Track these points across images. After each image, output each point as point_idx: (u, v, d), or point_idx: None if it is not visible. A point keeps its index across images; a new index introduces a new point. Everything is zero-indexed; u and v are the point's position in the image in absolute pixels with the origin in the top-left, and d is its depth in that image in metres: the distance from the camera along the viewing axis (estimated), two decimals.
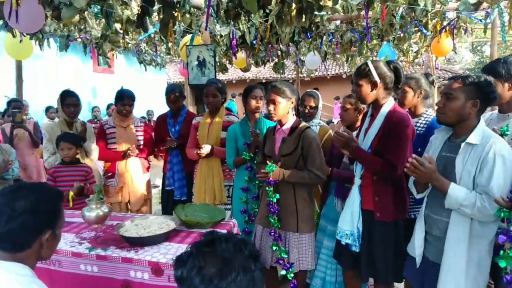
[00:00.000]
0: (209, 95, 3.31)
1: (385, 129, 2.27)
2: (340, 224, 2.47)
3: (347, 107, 2.96)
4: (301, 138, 2.54)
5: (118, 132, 3.66)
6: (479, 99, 1.88)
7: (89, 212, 2.40)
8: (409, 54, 7.79)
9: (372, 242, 2.34)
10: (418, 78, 2.78)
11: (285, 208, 2.60)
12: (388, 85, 2.30)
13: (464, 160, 1.89)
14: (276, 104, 2.56)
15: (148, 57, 8.61)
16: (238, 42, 5.06)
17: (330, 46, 6.95)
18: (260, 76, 16.64)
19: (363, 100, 2.38)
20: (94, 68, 11.21)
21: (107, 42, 5.43)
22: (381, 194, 2.31)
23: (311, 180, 2.53)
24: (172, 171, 3.74)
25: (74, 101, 3.52)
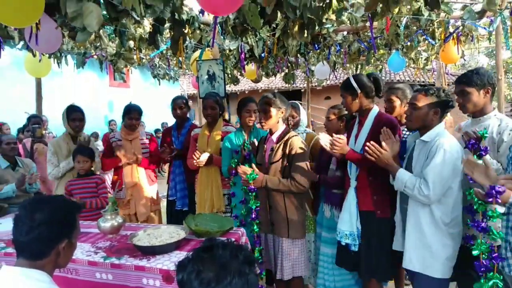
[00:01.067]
0: (208, 107, 3.41)
1: (375, 129, 2.48)
2: (339, 225, 2.60)
3: (331, 117, 3.11)
4: (287, 146, 2.64)
5: (124, 145, 3.75)
6: (439, 108, 2.20)
7: (104, 223, 2.51)
8: (419, 62, 7.78)
9: (372, 240, 2.49)
10: (404, 89, 2.99)
11: (277, 215, 2.68)
12: (369, 94, 2.55)
13: (418, 154, 2.25)
14: (267, 114, 2.67)
15: (162, 71, 8.80)
16: (247, 55, 5.17)
17: (338, 56, 7.00)
18: (272, 86, 16.75)
19: (349, 109, 2.63)
20: (110, 83, 11.50)
21: (121, 59, 5.61)
22: (379, 193, 2.48)
23: (292, 188, 2.59)
24: (174, 182, 3.83)
25: (79, 116, 3.64)
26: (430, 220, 2.12)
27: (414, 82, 13.75)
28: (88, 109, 3.79)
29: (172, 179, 3.86)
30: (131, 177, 3.72)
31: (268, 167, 2.71)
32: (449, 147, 2.08)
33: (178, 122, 3.95)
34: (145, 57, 7.28)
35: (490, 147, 2.09)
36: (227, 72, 7.75)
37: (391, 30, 4.55)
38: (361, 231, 2.52)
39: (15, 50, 7.82)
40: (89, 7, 1.84)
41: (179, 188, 3.80)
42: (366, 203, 2.50)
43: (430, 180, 2.06)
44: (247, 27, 3.39)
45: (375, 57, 7.06)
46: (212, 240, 1.06)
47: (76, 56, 6.18)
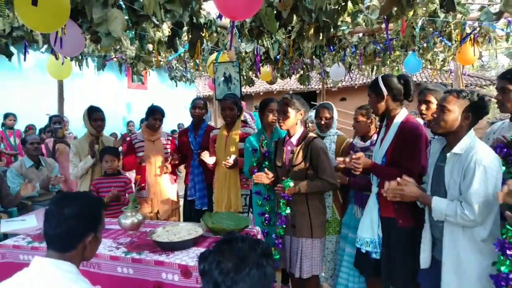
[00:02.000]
0: (226, 109, 3.46)
1: (398, 138, 2.38)
2: (359, 232, 2.54)
3: (359, 118, 3.06)
4: (309, 148, 2.66)
5: (147, 145, 3.80)
6: (471, 113, 1.98)
7: (125, 220, 2.60)
8: (435, 63, 7.71)
9: (393, 249, 2.40)
10: (439, 91, 2.76)
11: (300, 216, 2.71)
12: (396, 97, 2.44)
13: (451, 169, 2.01)
14: (286, 115, 2.68)
15: (179, 73, 8.93)
16: (263, 57, 5.23)
17: (354, 58, 7.00)
18: (287, 88, 16.76)
19: (375, 111, 2.55)
20: (128, 85, 11.70)
21: (140, 62, 5.75)
22: (400, 202, 2.33)
23: (325, 188, 2.67)
24: (194, 182, 3.88)
25: (100, 116, 3.72)
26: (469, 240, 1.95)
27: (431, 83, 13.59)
28: (107, 110, 3.87)
29: (191, 179, 3.92)
30: (155, 176, 3.79)
31: (290, 169, 2.73)
32: (488, 162, 1.88)
33: (195, 122, 4.02)
34: (163, 60, 7.42)
35: None
36: (242, 74, 7.82)
37: (406, 32, 4.55)
38: (382, 238, 2.44)
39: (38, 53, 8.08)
40: (113, 13, 1.93)
41: (198, 188, 3.86)
42: (387, 210, 2.43)
43: (474, 204, 1.86)
44: (263, 30, 3.45)
45: (390, 59, 7.03)
46: (232, 233, 1.13)
47: (96, 58, 6.35)
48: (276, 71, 7.04)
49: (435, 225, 2.15)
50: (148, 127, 3.85)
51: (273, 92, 16.60)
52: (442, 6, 2.54)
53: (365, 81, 15.05)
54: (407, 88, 2.44)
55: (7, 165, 5.82)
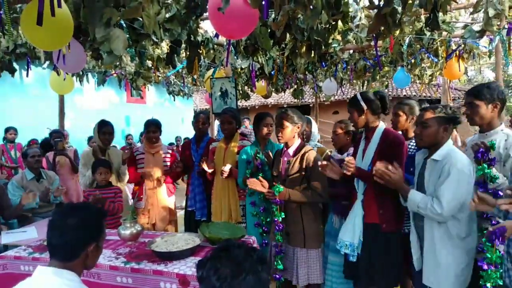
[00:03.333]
0: (225, 122, 3.50)
1: (382, 146, 2.49)
2: (340, 235, 2.61)
3: (338, 131, 3.15)
4: (304, 159, 2.71)
5: (147, 158, 3.83)
6: (448, 124, 2.18)
7: (124, 230, 2.61)
8: (423, 78, 7.84)
9: (374, 252, 2.47)
10: (412, 105, 2.99)
11: (293, 225, 2.73)
12: (375, 111, 2.57)
13: (429, 173, 2.19)
14: (284, 128, 2.75)
15: (177, 88, 9.00)
16: (258, 73, 5.31)
17: (345, 73, 7.11)
18: (282, 102, 16.88)
19: (355, 125, 2.65)
20: (127, 99, 11.75)
21: (140, 77, 5.81)
22: (385, 207, 2.48)
23: (313, 199, 2.68)
24: (194, 193, 3.89)
25: (109, 130, 3.78)
26: (446, 237, 2.10)
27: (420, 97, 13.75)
28: None
29: (192, 190, 3.93)
30: (152, 188, 3.80)
31: (285, 179, 2.77)
32: (461, 165, 2.06)
33: (197, 135, 4.05)
34: (161, 76, 7.48)
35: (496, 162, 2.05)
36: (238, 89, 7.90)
37: (395, 49, 4.65)
38: (362, 242, 2.50)
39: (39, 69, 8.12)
40: (116, 32, 1.98)
41: (198, 199, 3.87)
42: (371, 216, 2.50)
43: (444, 199, 2.04)
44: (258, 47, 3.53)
45: (380, 74, 7.14)
46: (229, 241, 1.16)
47: (97, 74, 6.40)
48: (271, 85, 7.13)
49: (419, 227, 2.27)
50: (147, 139, 3.89)
51: (268, 106, 16.70)
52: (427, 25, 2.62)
53: None
54: (383, 103, 2.57)
55: (8, 178, 5.79)
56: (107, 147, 3.84)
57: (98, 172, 3.47)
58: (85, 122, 9.14)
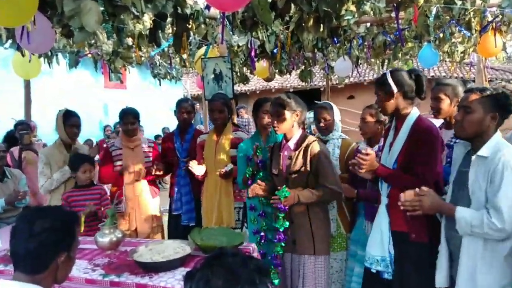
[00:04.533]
0: (215, 111, 3.51)
1: (411, 140, 2.41)
2: (368, 249, 2.56)
3: (367, 119, 3.10)
4: (308, 152, 2.69)
5: (125, 153, 3.84)
6: (498, 112, 2.03)
7: (102, 238, 2.63)
8: (454, 55, 7.79)
9: (407, 267, 2.41)
10: (454, 85, 2.87)
11: (300, 230, 2.73)
12: (407, 94, 2.46)
13: (475, 173, 2.04)
14: (281, 117, 2.72)
15: (163, 70, 8.96)
16: (258, 51, 5.28)
17: (361, 50, 7.07)
18: (287, 85, 16.85)
19: (383, 110, 2.57)
20: (105, 84, 11.73)
21: (119, 58, 5.79)
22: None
23: (328, 197, 2.70)
24: (180, 194, 3.91)
25: (77, 122, 3.76)
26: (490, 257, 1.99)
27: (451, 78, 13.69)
28: (80, 113, 3.91)
29: (177, 191, 3.95)
30: (133, 188, 3.80)
31: (287, 177, 2.76)
32: None
33: (181, 126, 4.06)
34: (144, 55, 7.46)
35: None
36: (235, 71, 7.87)
37: (419, 21, 4.61)
38: (394, 255, 2.45)
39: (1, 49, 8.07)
40: (87, 5, 1.97)
41: (185, 201, 3.88)
42: (398, 223, 2.45)
43: (504, 209, 1.88)
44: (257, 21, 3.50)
45: (403, 51, 7.10)
46: (222, 249, 1.17)
47: (68, 55, 6.38)
48: (274, 66, 7.10)
49: (453, 239, 2.17)
50: (124, 132, 3.90)
51: (271, 91, 16.66)
52: None
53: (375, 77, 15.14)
54: (419, 84, 2.48)
55: None
56: (73, 142, 3.83)
57: (82, 169, 3.46)
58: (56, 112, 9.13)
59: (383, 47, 6.19)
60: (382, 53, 6.63)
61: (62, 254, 1.49)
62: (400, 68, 2.61)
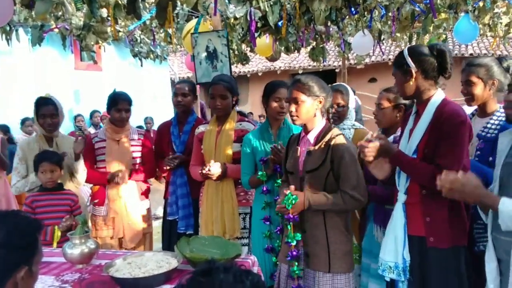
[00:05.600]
0: (216, 96, 3.46)
1: (434, 127, 2.43)
2: (381, 254, 2.60)
3: (383, 104, 3.11)
4: (330, 148, 2.66)
5: (109, 146, 3.87)
6: None
7: (71, 249, 2.63)
8: (496, 29, 7.76)
9: (428, 277, 2.46)
10: (488, 65, 2.87)
11: (313, 241, 2.71)
12: (429, 73, 2.49)
13: None
14: (299, 104, 2.68)
15: (145, 48, 8.94)
16: (259, 24, 5.25)
17: (385, 23, 7.05)
18: (295, 66, 16.85)
19: (402, 93, 2.63)
20: (76, 65, 11.69)
21: (91, 33, 5.77)
22: (433, 213, 2.45)
23: (346, 205, 2.64)
24: (175, 196, 3.92)
25: (50, 111, 3.75)
26: None
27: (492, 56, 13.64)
28: None
29: (172, 192, 3.96)
30: (118, 189, 3.83)
31: (303, 176, 2.73)
32: None
33: (180, 115, 4.06)
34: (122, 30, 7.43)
35: None
36: (232, 48, 7.84)
37: None
38: (410, 263, 2.49)
39: None
40: None
41: (182, 204, 3.89)
42: (416, 226, 2.48)
43: None
44: None
45: (434, 24, 7.06)
46: (212, 262, 1.16)
47: (31, 29, 6.36)
48: (279, 43, 7.08)
49: (502, 243, 2.16)
50: (113, 121, 3.91)
51: (276, 72, 16.68)
52: None
53: None
54: (443, 61, 2.49)
55: None
56: (52, 135, 3.85)
57: (41, 169, 3.45)
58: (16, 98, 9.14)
59: (410, 19, 6.17)
60: (409, 26, 6.61)
61: (22, 269, 1.49)
62: (421, 44, 2.63)
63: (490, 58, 2.96)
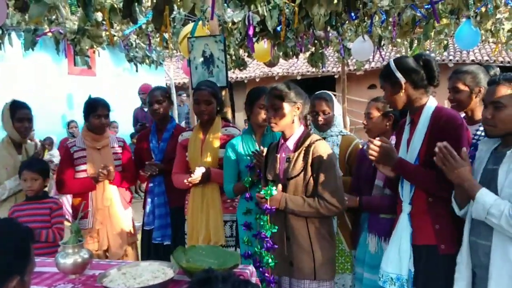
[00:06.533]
0: (201, 102, 3.49)
1: (433, 133, 2.49)
2: (383, 265, 2.61)
3: (372, 113, 3.17)
4: (310, 154, 2.71)
5: (90, 155, 3.83)
6: None
7: (64, 259, 2.61)
8: (498, 35, 7.80)
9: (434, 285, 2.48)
10: (474, 73, 2.96)
11: (298, 248, 2.74)
12: (418, 83, 2.56)
13: (507, 170, 2.13)
14: (278, 111, 2.74)
15: (140, 53, 8.94)
16: (257, 29, 5.26)
17: (385, 29, 7.07)
18: (294, 71, 16.90)
19: (393, 105, 2.69)
20: (69, 70, 11.70)
21: (85, 37, 5.76)
22: (441, 219, 2.48)
23: (323, 211, 2.68)
24: (153, 205, 3.92)
25: (28, 114, 3.76)
26: None
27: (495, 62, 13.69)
28: (39, 106, 3.93)
29: (150, 202, 3.96)
30: (102, 198, 3.80)
31: (285, 183, 2.77)
32: None
33: (157, 122, 4.07)
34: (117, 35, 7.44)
35: None
36: (230, 53, 7.86)
37: None
38: (415, 274, 2.51)
39: None
40: None
41: (159, 213, 3.89)
42: (425, 235, 2.50)
43: None
44: None
45: (436, 29, 7.09)
46: (210, 271, 1.15)
47: (24, 34, 6.36)
48: (277, 48, 7.09)
49: (478, 246, 2.23)
50: (90, 129, 3.88)
51: (274, 78, 16.70)
52: None
53: None
54: (429, 70, 2.56)
55: None
56: (23, 140, 3.83)
57: (22, 177, 3.47)
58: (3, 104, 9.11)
59: (411, 24, 6.19)
60: (410, 32, 6.63)
61: (14, 279, 1.48)
62: (405, 55, 2.70)
63: (476, 66, 3.07)
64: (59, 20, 5.79)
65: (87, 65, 8.30)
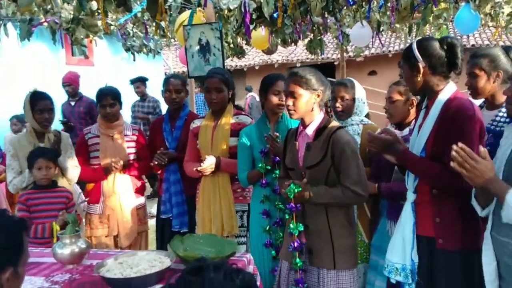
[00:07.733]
0: (212, 90, 3.47)
1: (441, 124, 2.41)
2: (388, 255, 2.59)
3: (394, 97, 3.11)
4: (330, 142, 2.66)
5: (103, 142, 3.89)
6: None
7: (61, 249, 2.62)
8: (498, 19, 7.75)
9: (436, 280, 2.42)
10: (493, 55, 2.82)
11: (317, 237, 2.72)
12: (437, 68, 2.45)
13: None
14: (296, 98, 2.69)
15: (137, 42, 8.90)
16: (254, 16, 5.23)
17: (384, 14, 7.03)
18: (293, 59, 16.82)
19: (410, 88, 2.62)
20: (67, 60, 11.66)
21: (81, 27, 5.73)
22: (443, 214, 2.42)
23: (347, 200, 2.65)
24: (169, 193, 3.92)
25: (49, 105, 3.78)
26: None
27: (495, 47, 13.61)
28: None
29: (166, 189, 3.96)
30: (113, 184, 3.85)
31: (304, 172, 2.74)
32: None
33: (171, 111, 4.07)
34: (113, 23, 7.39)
35: None
36: (227, 41, 7.82)
37: None
38: (419, 265, 2.47)
39: None
40: None
41: (176, 202, 3.90)
42: (426, 226, 2.47)
43: None
44: None
45: (434, 14, 7.04)
46: (202, 260, 1.15)
47: (19, 24, 6.32)
48: (275, 35, 7.05)
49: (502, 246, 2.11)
50: (102, 117, 3.94)
51: (273, 66, 16.65)
52: None
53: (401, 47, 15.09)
54: (452, 56, 2.44)
55: None
56: (46, 130, 3.85)
57: (36, 166, 3.46)
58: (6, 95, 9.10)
59: (410, 9, 6.14)
60: (408, 17, 6.58)
61: (7, 270, 1.48)
62: (431, 37, 2.60)
63: (496, 48, 2.92)
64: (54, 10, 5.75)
65: (84, 54, 8.25)
